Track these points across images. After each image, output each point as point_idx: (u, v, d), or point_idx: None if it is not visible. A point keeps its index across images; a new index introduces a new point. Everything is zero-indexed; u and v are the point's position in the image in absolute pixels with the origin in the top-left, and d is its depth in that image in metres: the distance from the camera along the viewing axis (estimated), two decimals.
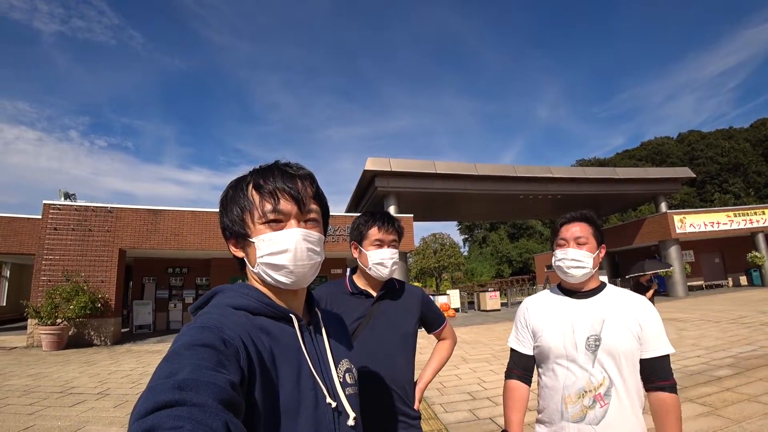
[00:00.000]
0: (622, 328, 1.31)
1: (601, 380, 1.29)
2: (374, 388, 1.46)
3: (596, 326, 1.33)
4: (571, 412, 1.32)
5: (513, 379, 1.51)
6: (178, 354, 0.55)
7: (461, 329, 11.68)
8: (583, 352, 1.33)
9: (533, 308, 1.52)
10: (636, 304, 1.36)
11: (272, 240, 0.76)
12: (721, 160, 51.29)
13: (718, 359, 5.94)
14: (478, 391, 5.15)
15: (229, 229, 0.80)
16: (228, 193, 0.82)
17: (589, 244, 1.40)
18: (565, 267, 1.40)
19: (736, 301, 13.87)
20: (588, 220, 1.44)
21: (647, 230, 20.03)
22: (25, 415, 4.65)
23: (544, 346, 1.41)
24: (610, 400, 1.27)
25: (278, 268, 0.76)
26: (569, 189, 18.64)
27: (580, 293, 1.43)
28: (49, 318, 10.02)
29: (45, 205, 11.28)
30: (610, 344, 1.29)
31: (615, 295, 1.40)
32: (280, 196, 0.77)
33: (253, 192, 0.78)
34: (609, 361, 1.29)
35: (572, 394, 1.32)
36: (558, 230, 1.47)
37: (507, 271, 49.71)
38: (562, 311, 1.42)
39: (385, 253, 1.53)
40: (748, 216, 19.66)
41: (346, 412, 0.77)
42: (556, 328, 1.40)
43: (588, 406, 1.29)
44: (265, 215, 0.76)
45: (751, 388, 4.47)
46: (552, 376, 1.40)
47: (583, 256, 1.38)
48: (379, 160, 15.67)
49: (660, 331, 1.32)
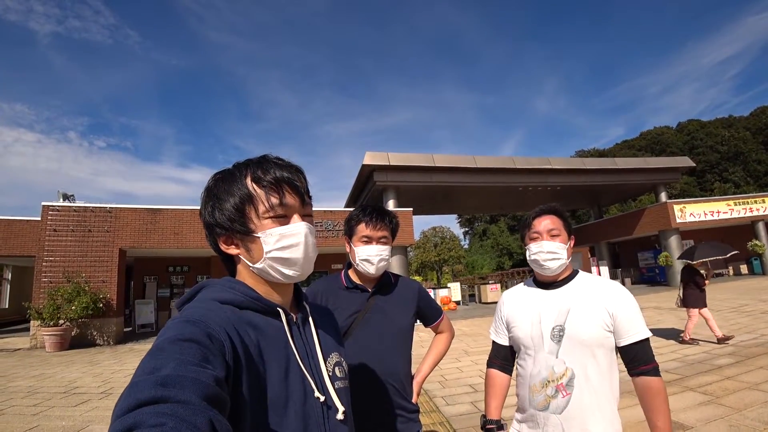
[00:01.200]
0: (588, 317, 1.30)
1: (563, 371, 1.30)
2: (371, 382, 1.45)
3: (561, 316, 1.35)
4: (537, 401, 1.35)
5: (493, 368, 1.58)
6: (161, 349, 0.54)
7: (462, 322, 11.72)
8: (548, 342, 1.35)
9: (508, 300, 1.55)
10: (606, 292, 1.34)
11: (283, 234, 0.74)
12: (721, 149, 51.15)
13: (719, 348, 5.96)
14: (480, 384, 5.16)
15: (223, 225, 0.75)
16: (216, 187, 0.76)
17: (561, 236, 1.41)
18: (542, 260, 1.40)
19: (736, 290, 13.89)
20: (557, 213, 1.45)
21: (647, 220, 20.01)
22: (30, 416, 4.68)
23: (515, 336, 1.46)
24: (572, 390, 1.28)
25: (288, 262, 0.75)
26: (569, 180, 18.61)
27: (552, 284, 1.44)
28: (51, 319, 10.05)
29: (44, 206, 11.27)
30: (573, 334, 1.30)
31: (585, 283, 1.39)
32: (285, 189, 0.75)
33: (254, 185, 0.74)
34: (573, 352, 1.30)
35: (536, 383, 1.35)
36: (530, 224, 1.47)
37: (508, 263, 49.77)
38: (532, 302, 1.45)
39: (372, 250, 1.51)
40: (748, 204, 19.65)
41: (335, 406, 0.77)
42: (526, 318, 1.43)
43: (551, 395, 1.31)
44: (273, 209, 0.74)
45: (752, 376, 4.48)
46: (523, 365, 1.45)
47: (557, 247, 1.38)
48: (377, 155, 15.62)
49: (635, 317, 1.30)
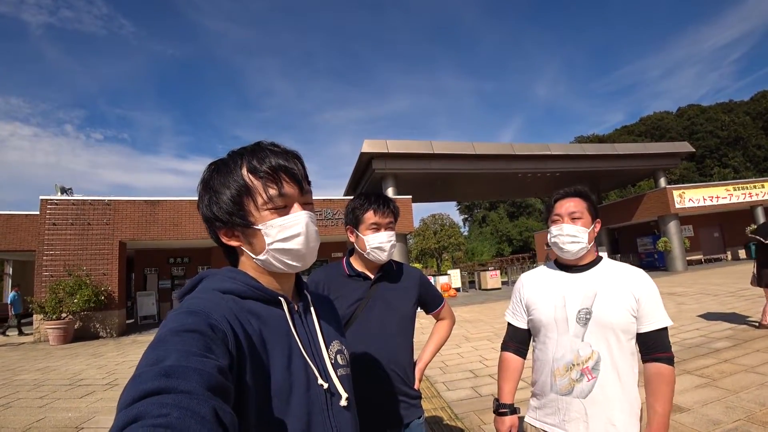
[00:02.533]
0: (615, 301, 1.30)
1: (589, 354, 1.29)
2: (374, 369, 1.47)
3: (588, 300, 1.33)
4: (560, 385, 1.33)
5: (508, 351, 1.55)
6: (164, 340, 0.54)
7: (463, 308, 11.80)
8: (573, 325, 1.33)
9: (528, 283, 1.53)
10: (632, 278, 1.34)
11: (283, 225, 0.74)
12: (721, 134, 50.95)
13: (716, 332, 6.01)
14: (480, 369, 5.23)
15: (221, 218, 0.74)
16: (212, 180, 0.75)
17: (583, 219, 1.39)
18: (561, 243, 1.39)
19: (734, 275, 13.99)
20: (582, 195, 1.43)
21: (647, 206, 20.02)
22: (36, 408, 4.74)
23: (536, 319, 1.44)
24: (598, 374, 1.27)
25: (290, 253, 0.75)
26: (568, 166, 18.55)
27: (575, 267, 1.42)
28: (54, 313, 10.11)
29: (42, 200, 11.24)
30: (601, 317, 1.29)
31: (610, 268, 1.39)
32: (283, 178, 0.74)
33: (250, 176, 0.73)
34: (599, 335, 1.29)
35: (560, 367, 1.34)
36: (552, 206, 1.46)
37: (507, 249, 50.01)
38: (555, 285, 1.43)
39: (383, 237, 1.51)
40: (747, 190, 19.64)
41: (338, 393, 0.77)
42: (548, 301, 1.41)
43: (575, 379, 1.30)
44: (272, 200, 0.73)
45: (749, 359, 4.54)
46: (543, 349, 1.42)
47: (578, 231, 1.37)
48: (376, 142, 15.52)
49: (657, 304, 1.31)
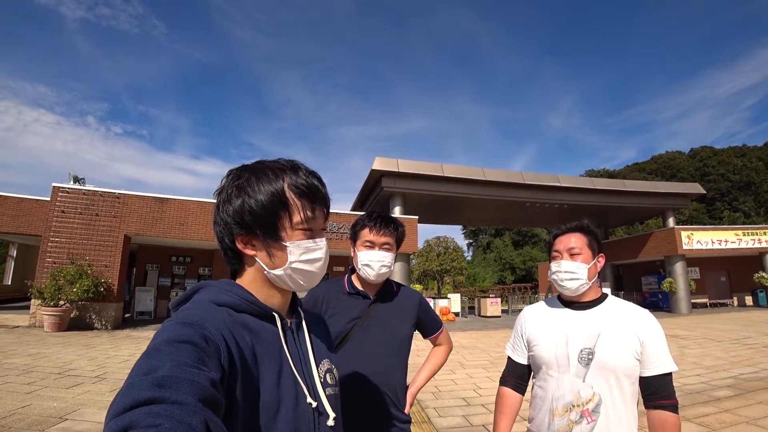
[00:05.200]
0: (619, 343, 1.26)
1: (590, 395, 1.25)
2: (365, 389, 1.44)
3: (591, 339, 1.30)
4: (557, 425, 1.29)
5: (506, 386, 1.50)
6: (158, 350, 0.54)
7: (460, 334, 11.64)
8: (575, 365, 1.29)
9: (530, 317, 1.50)
10: (637, 319, 1.30)
11: (310, 248, 0.76)
12: (733, 178, 50.68)
13: (718, 379, 5.85)
14: (473, 398, 5.12)
15: (249, 225, 0.72)
16: (249, 185, 0.73)
17: (583, 255, 1.37)
18: (560, 280, 1.38)
19: (740, 321, 13.68)
20: (583, 230, 1.41)
21: (653, 244, 19.80)
22: (23, 394, 4.71)
23: (537, 355, 1.40)
24: (598, 417, 1.23)
25: (307, 275, 0.77)
26: (577, 199, 18.49)
27: (578, 304, 1.40)
28: (52, 299, 10.14)
29: (54, 187, 11.41)
30: (603, 359, 1.26)
31: (616, 307, 1.36)
32: (318, 204, 0.77)
33: (291, 193, 0.73)
34: (601, 377, 1.25)
35: (559, 407, 1.29)
36: (552, 242, 1.45)
37: (510, 277, 49.47)
38: (558, 322, 1.40)
39: (374, 255, 1.50)
40: (757, 235, 19.37)
41: (326, 412, 0.77)
42: (550, 338, 1.37)
43: (575, 421, 1.26)
44: (307, 221, 0.75)
45: (751, 410, 4.40)
46: (543, 386, 1.38)
47: (577, 267, 1.35)
48: (387, 161, 15.65)
49: (663, 348, 1.27)
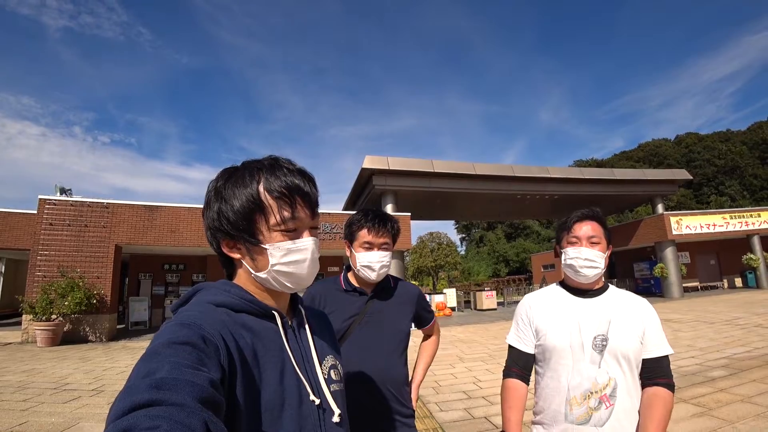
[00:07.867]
0: (629, 329, 1.30)
1: (607, 381, 1.27)
2: (367, 386, 1.45)
3: (603, 326, 1.31)
4: (576, 414, 1.28)
5: (512, 377, 1.45)
6: (156, 352, 0.54)
7: (457, 328, 11.70)
8: (589, 351, 1.30)
9: (537, 305, 1.45)
10: (638, 305, 1.36)
11: (290, 249, 0.73)
12: (718, 163, 51.54)
13: (712, 360, 5.96)
14: (474, 390, 5.15)
15: (227, 229, 0.72)
16: (225, 190, 0.73)
17: (601, 244, 1.38)
18: (578, 266, 1.36)
19: (731, 303, 13.94)
20: (599, 220, 1.41)
21: (644, 231, 20.10)
22: (19, 411, 4.62)
23: (548, 345, 1.37)
24: (615, 401, 1.26)
25: (291, 277, 0.75)
26: (567, 189, 18.66)
27: (587, 292, 1.40)
28: (44, 314, 9.96)
29: (40, 200, 11.19)
30: (616, 345, 1.28)
31: (618, 295, 1.40)
32: (298, 202, 0.73)
33: (266, 194, 0.71)
34: (614, 362, 1.28)
35: (578, 395, 1.29)
36: (570, 228, 1.42)
37: (504, 270, 49.81)
38: (567, 310, 1.38)
39: (374, 257, 1.49)
40: (743, 218, 19.78)
41: (330, 409, 0.76)
42: (562, 327, 1.36)
43: (593, 407, 1.26)
44: (285, 222, 0.72)
45: (745, 389, 4.49)
46: (554, 377, 1.35)
47: (596, 255, 1.35)
48: (377, 159, 15.61)
49: (660, 332, 1.33)
